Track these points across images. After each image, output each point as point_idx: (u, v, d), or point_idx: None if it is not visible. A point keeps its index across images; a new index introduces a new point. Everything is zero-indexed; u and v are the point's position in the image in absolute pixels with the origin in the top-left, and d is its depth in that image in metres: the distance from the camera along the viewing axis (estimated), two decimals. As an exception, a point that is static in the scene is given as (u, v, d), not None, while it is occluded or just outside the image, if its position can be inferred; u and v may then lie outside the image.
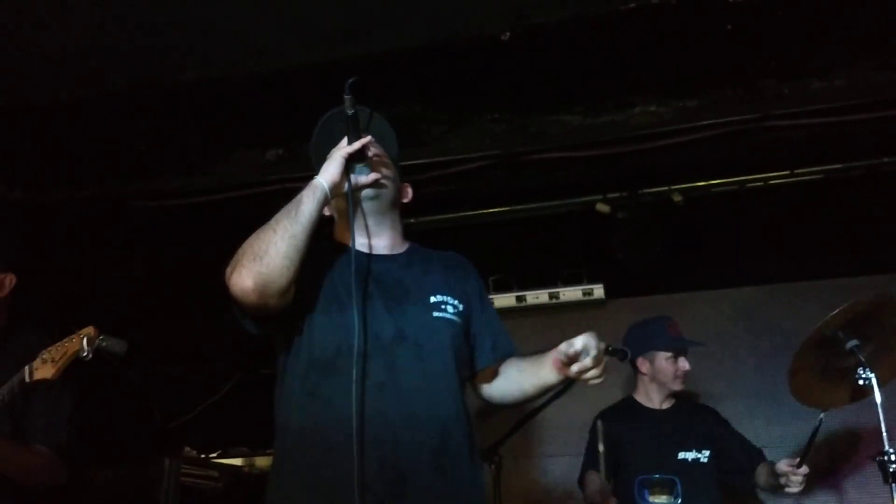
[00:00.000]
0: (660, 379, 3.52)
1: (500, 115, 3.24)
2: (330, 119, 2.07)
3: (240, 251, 1.84)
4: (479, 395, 2.18)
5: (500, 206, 4.23)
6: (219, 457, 6.28)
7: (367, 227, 2.06)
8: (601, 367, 1.85)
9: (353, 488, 1.70)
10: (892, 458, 2.64)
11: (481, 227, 4.31)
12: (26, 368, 2.38)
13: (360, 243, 2.04)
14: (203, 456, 6.16)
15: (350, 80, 1.87)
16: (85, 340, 2.34)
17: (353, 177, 1.95)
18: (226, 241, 1.92)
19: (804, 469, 3.05)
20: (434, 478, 1.81)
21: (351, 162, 1.94)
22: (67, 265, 4.28)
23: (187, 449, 6.01)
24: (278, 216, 1.86)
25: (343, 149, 1.94)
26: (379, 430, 1.78)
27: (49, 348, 2.38)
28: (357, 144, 1.93)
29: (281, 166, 3.46)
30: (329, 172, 1.92)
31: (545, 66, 2.98)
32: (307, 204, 1.86)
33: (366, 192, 2.02)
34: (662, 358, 3.51)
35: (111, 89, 2.96)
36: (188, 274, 4.43)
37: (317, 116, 2.09)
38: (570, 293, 4.49)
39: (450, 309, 2.01)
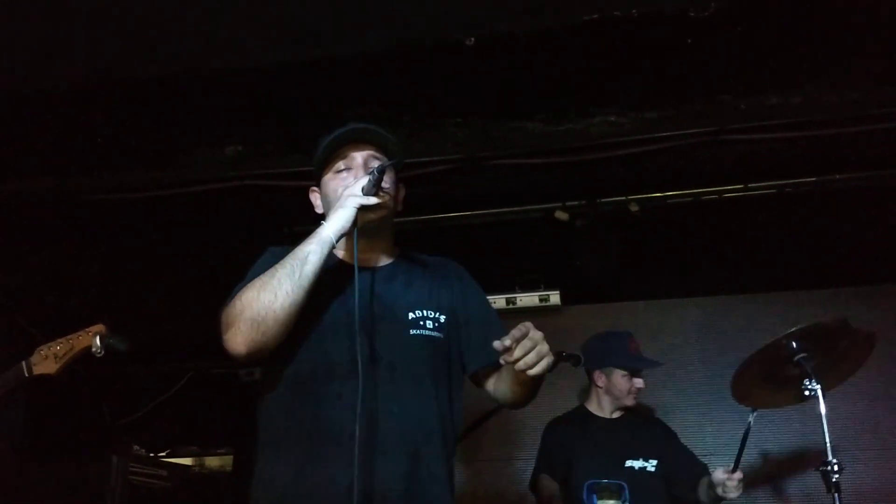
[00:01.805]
0: (614, 393, 3.56)
1: (463, 120, 3.25)
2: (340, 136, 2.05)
3: (238, 306, 1.80)
4: (488, 393, 2.09)
5: (461, 211, 4.24)
6: (168, 456, 6.18)
7: (356, 242, 2.00)
8: (534, 354, 1.74)
9: None
10: (835, 468, 2.69)
11: (441, 231, 4.31)
12: (23, 364, 2.35)
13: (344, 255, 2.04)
14: (152, 455, 6.05)
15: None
16: (97, 338, 2.33)
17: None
18: (182, 236, 1.90)
19: (738, 474, 3.09)
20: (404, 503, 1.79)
21: (363, 209, 1.90)
22: (18, 259, 4.19)
23: (136, 447, 5.90)
24: (281, 274, 1.81)
25: (358, 198, 1.88)
26: (349, 456, 1.73)
27: (49, 344, 2.35)
28: (373, 200, 1.88)
29: (240, 163, 3.43)
30: (340, 224, 1.87)
31: (508, 73, 3.00)
32: (312, 263, 1.82)
33: (370, 225, 1.97)
34: (619, 374, 3.54)
35: (70, 80, 2.91)
36: (142, 270, 4.37)
37: (277, 115, 2.08)
38: (527, 299, 4.52)
39: (429, 324, 1.97)
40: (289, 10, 2.63)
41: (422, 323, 1.96)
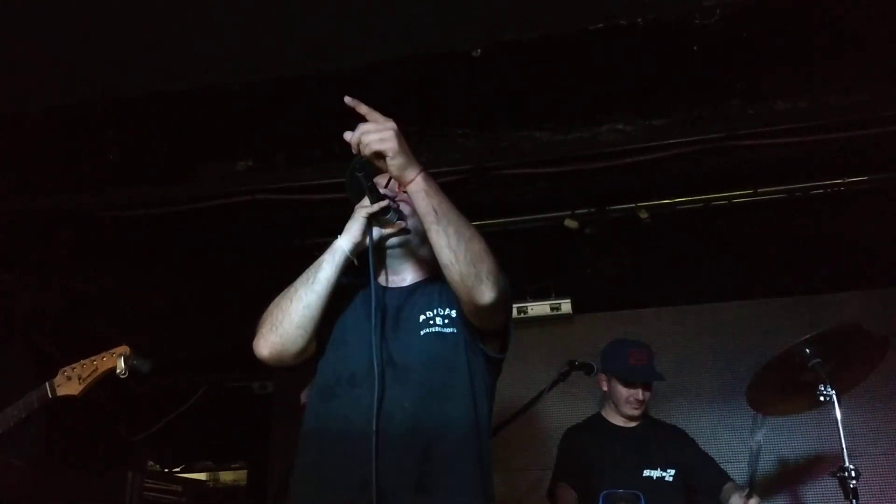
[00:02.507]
0: (614, 400, 3.56)
1: (471, 130, 3.26)
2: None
3: (264, 315, 1.98)
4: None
5: (470, 221, 4.24)
6: (182, 471, 6.20)
7: (386, 268, 2.14)
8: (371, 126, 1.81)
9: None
10: (852, 473, 2.67)
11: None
12: (46, 385, 2.37)
13: (381, 278, 2.13)
14: (167, 470, 6.08)
15: (359, 161, 1.88)
16: (122, 360, 2.37)
17: (376, 230, 2.02)
18: (194, 251, 1.93)
19: (755, 500, 3.10)
20: (415, 498, 1.83)
21: (375, 218, 2.01)
22: (34, 276, 4.22)
23: (151, 463, 5.93)
24: (298, 282, 1.98)
25: (364, 208, 2.01)
26: (363, 453, 1.82)
27: (72, 365, 2.39)
28: (376, 207, 1.98)
29: (251, 177, 3.45)
30: (351, 234, 2.01)
31: (516, 83, 3.02)
32: (325, 271, 1.98)
33: (391, 241, 2.09)
34: (616, 381, 3.54)
35: (81, 99, 2.94)
36: (155, 285, 4.39)
37: (288, 129, 2.12)
38: (539, 308, 4.52)
39: (439, 321, 2.02)
40: (296, 24, 2.65)
41: (432, 322, 2.02)
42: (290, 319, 1.94)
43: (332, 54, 2.79)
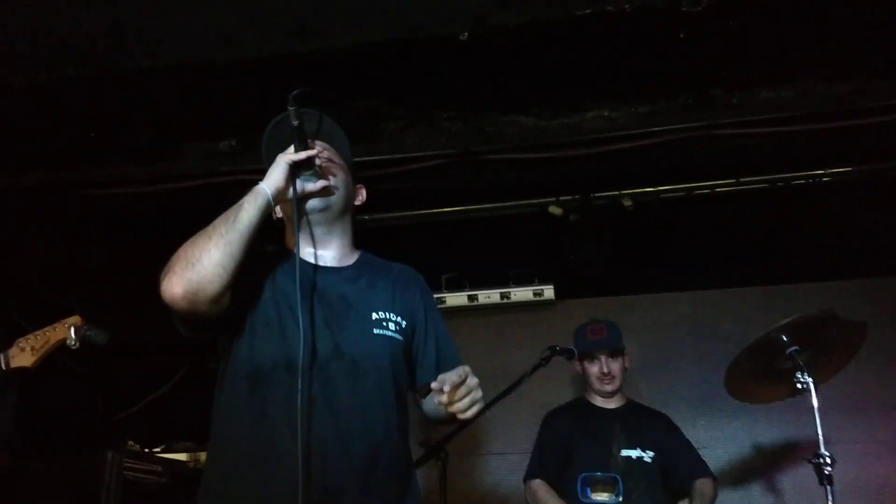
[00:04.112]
0: (588, 381, 3.62)
1: (457, 114, 3.26)
2: (281, 121, 1.99)
3: (174, 256, 1.79)
4: (419, 409, 2.12)
5: (455, 206, 4.25)
6: (163, 451, 6.19)
7: (312, 237, 2.01)
8: (467, 401, 1.75)
9: (279, 502, 1.71)
10: (828, 460, 2.71)
11: (436, 226, 4.32)
12: (1, 356, 2.33)
13: (307, 252, 2.00)
14: (147, 450, 6.06)
15: (294, 92, 1.81)
16: (72, 329, 2.31)
17: (299, 183, 1.90)
18: (176, 231, 1.90)
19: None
20: (360, 499, 1.79)
21: (297, 169, 1.89)
22: (13, 254, 4.18)
23: (131, 443, 5.91)
24: (217, 222, 1.82)
25: (288, 155, 1.89)
26: (308, 446, 1.74)
27: (27, 336, 2.34)
28: (302, 154, 1.87)
29: (233, 157, 3.43)
30: (273, 178, 1.87)
31: (502, 68, 3.01)
32: (247, 210, 1.82)
33: (312, 203, 1.96)
34: (585, 360, 3.61)
35: (62, 75, 2.90)
36: (136, 264, 4.36)
37: (272, 109, 2.06)
38: (521, 293, 4.54)
39: (391, 326, 1.97)
40: (282, 4, 2.63)
41: (385, 324, 1.97)
42: (209, 256, 1.74)
43: (317, 35, 2.76)
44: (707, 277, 4.52)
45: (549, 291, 4.54)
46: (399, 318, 2.01)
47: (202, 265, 1.74)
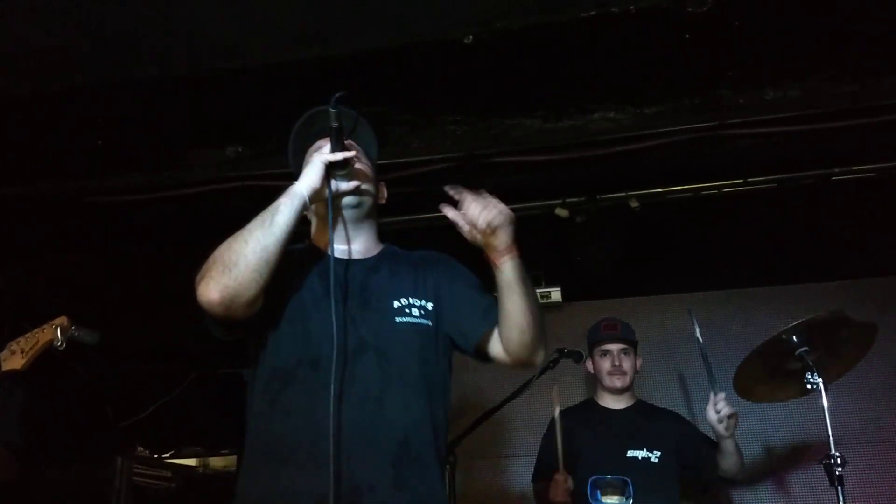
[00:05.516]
0: (599, 378, 3.58)
1: (462, 118, 3.25)
2: (313, 117, 2.01)
3: (210, 259, 1.79)
4: (496, 361, 2.03)
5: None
6: (172, 457, 6.20)
7: (346, 232, 2.03)
8: (492, 208, 1.90)
9: (309, 502, 1.68)
10: (838, 461, 2.69)
11: (441, 230, 4.30)
12: None
13: (338, 249, 2.01)
14: (156, 456, 6.07)
15: (337, 95, 1.83)
16: (59, 330, 2.31)
17: (334, 183, 1.91)
18: (183, 238, 1.90)
19: (722, 394, 3.16)
20: (393, 493, 1.76)
21: (332, 169, 1.90)
22: (23, 263, 4.19)
23: (140, 449, 5.92)
24: (252, 224, 1.82)
25: (325, 154, 1.89)
26: (338, 443, 1.71)
27: (18, 339, 2.34)
28: (339, 156, 1.87)
29: (240, 164, 3.43)
30: (309, 178, 1.87)
31: (507, 70, 3.01)
32: (283, 214, 1.82)
33: (346, 200, 1.98)
34: (596, 356, 3.58)
35: (70, 84, 2.91)
36: (145, 271, 4.38)
37: (277, 115, 2.07)
38: (528, 296, 4.52)
39: (415, 312, 1.96)
40: (287, 9, 2.64)
41: (408, 311, 1.95)
42: (246, 261, 1.74)
43: (322, 41, 2.77)
44: (715, 278, 4.50)
45: (556, 294, 4.52)
46: (423, 302, 1.99)
47: (239, 270, 1.74)
